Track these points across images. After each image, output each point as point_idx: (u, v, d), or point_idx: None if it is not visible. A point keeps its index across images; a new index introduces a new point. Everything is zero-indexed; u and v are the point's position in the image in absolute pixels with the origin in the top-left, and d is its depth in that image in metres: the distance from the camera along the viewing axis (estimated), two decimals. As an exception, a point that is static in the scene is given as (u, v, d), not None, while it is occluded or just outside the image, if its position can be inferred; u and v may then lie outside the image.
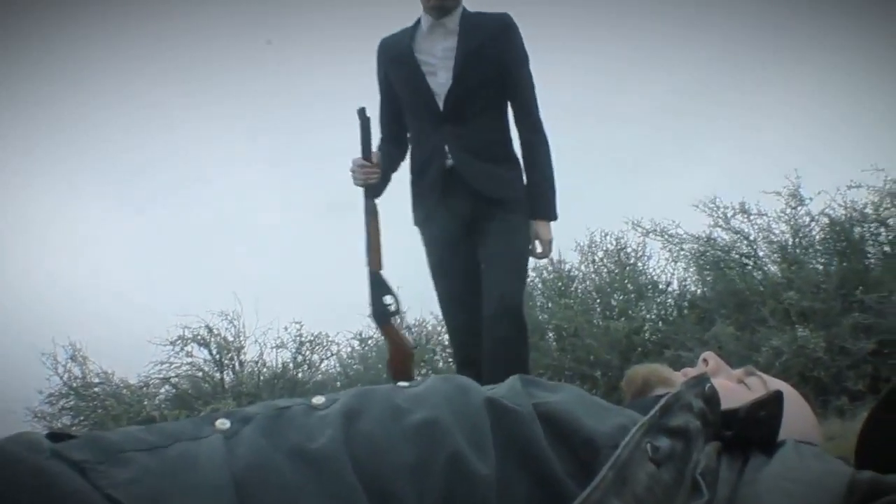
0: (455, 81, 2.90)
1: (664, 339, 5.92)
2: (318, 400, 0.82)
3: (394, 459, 0.76)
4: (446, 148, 2.92)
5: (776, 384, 1.13)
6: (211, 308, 7.44)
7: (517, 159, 2.98)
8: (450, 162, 2.92)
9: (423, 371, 7.00)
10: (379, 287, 2.79)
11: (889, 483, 0.75)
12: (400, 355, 2.89)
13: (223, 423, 0.78)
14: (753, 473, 0.79)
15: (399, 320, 3.10)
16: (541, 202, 2.98)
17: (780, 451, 0.83)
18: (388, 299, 2.77)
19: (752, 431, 0.87)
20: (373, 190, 2.86)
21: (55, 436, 0.72)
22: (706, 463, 0.79)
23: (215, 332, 7.37)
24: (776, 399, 0.88)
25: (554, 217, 3.02)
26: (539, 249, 2.96)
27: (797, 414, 1.07)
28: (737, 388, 1.10)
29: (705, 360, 1.17)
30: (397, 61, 3.02)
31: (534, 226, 2.93)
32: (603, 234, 7.09)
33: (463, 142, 2.95)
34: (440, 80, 2.94)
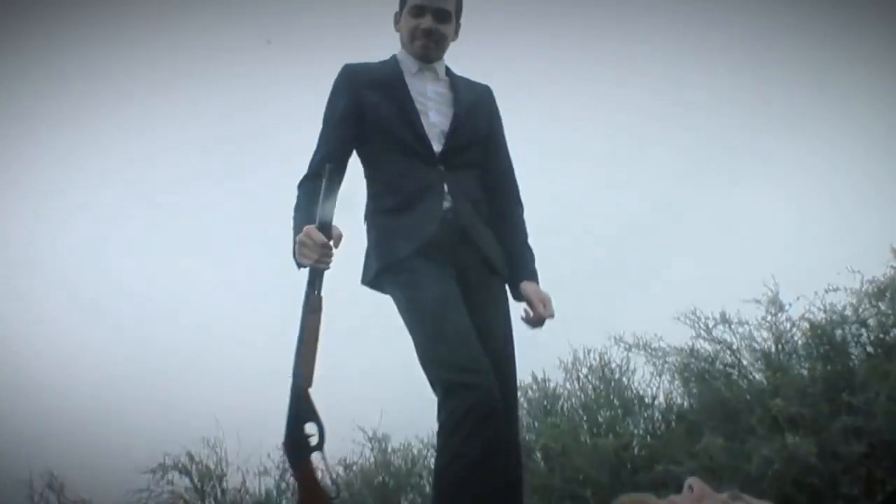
0: (455, 123, 2.77)
1: (653, 454, 5.82)
2: None
3: None
4: (445, 187, 2.67)
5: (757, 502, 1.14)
6: (191, 434, 7.32)
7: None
8: (447, 204, 2.66)
9: (411, 496, 6.86)
10: (302, 410, 2.20)
11: None
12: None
13: None
14: None
15: (322, 459, 2.39)
16: (531, 265, 2.87)
17: None
18: (310, 428, 2.18)
19: None
20: (320, 277, 2.34)
21: None
22: None
23: (196, 459, 7.21)
24: None
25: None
26: (542, 310, 2.76)
27: None
28: None
29: (690, 487, 1.17)
30: (385, 89, 2.80)
31: (526, 290, 2.77)
32: (586, 350, 7.05)
33: (460, 187, 2.71)
34: (432, 121, 2.77)
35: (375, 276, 2.73)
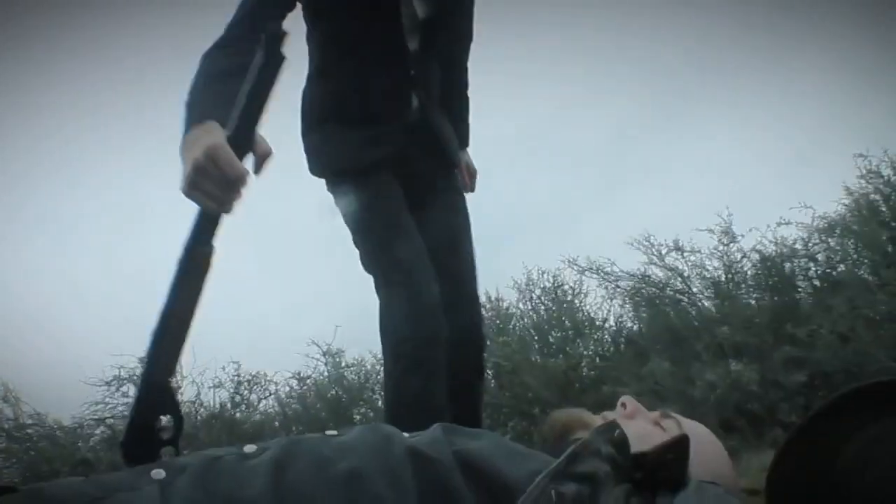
0: (434, 7, 2.33)
1: (601, 375, 5.95)
2: (250, 448, 0.90)
3: None
4: (412, 94, 2.38)
5: (690, 426, 1.21)
6: (146, 347, 7.28)
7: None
8: (415, 104, 2.38)
9: (363, 410, 6.94)
10: (156, 402, 1.41)
11: None
12: None
13: (158, 474, 0.83)
14: None
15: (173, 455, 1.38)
16: (467, 136, 2.71)
17: (682, 492, 0.87)
18: (164, 421, 1.37)
19: (661, 473, 0.92)
20: (216, 223, 1.46)
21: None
22: None
23: (151, 371, 7.21)
24: (683, 442, 0.93)
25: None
26: (467, 182, 2.68)
27: (710, 455, 1.17)
28: (653, 431, 1.17)
29: (623, 404, 1.24)
30: None
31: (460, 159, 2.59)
32: (540, 271, 7.17)
33: (428, 83, 2.43)
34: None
35: (333, 177, 2.42)
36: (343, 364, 7.23)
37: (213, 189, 1.47)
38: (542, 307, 6.99)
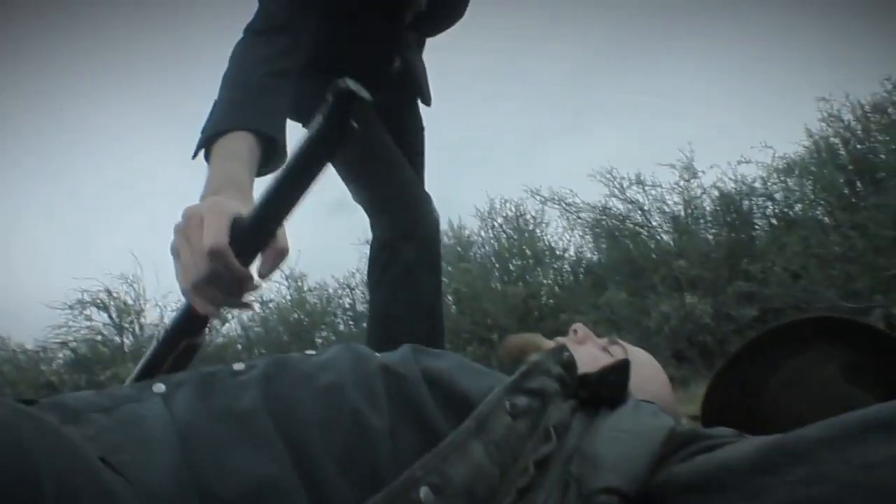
0: None
1: (560, 304, 6.07)
2: (239, 366, 0.95)
3: (305, 416, 0.89)
4: (396, 56, 2.24)
5: (635, 352, 1.32)
6: (110, 271, 7.26)
7: None
8: (398, 63, 2.27)
9: (325, 333, 7.01)
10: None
11: (703, 433, 0.89)
12: None
13: (159, 388, 0.90)
14: (597, 425, 0.93)
15: None
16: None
17: (621, 408, 0.97)
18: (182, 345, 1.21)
19: (603, 392, 1.02)
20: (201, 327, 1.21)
21: (22, 401, 0.83)
22: (560, 417, 0.93)
23: (115, 295, 7.18)
24: (624, 365, 1.03)
25: None
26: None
27: (650, 378, 1.28)
28: (600, 355, 1.27)
29: (575, 331, 1.33)
30: None
31: None
32: (503, 200, 7.23)
33: (410, 43, 2.34)
34: None
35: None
36: (305, 288, 7.28)
37: (217, 293, 1.10)
38: (504, 236, 7.06)
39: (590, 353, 1.27)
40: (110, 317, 7.17)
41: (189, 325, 1.17)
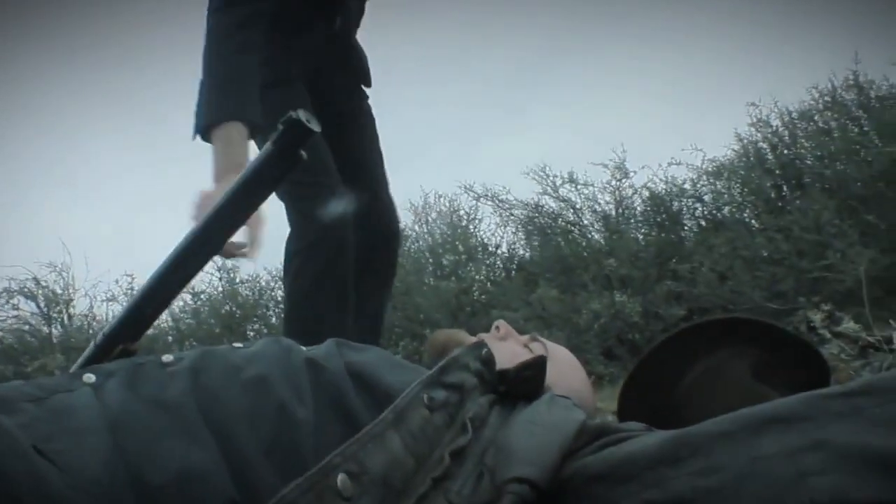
0: None
1: (492, 300, 6.10)
2: (168, 358, 1.01)
3: (233, 408, 0.93)
4: (337, 14, 2.36)
5: (554, 349, 1.39)
6: (38, 259, 7.11)
7: None
8: (338, 23, 2.37)
9: (257, 326, 6.97)
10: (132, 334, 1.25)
11: (612, 427, 0.94)
12: None
13: (89, 378, 0.94)
14: (512, 418, 0.97)
15: None
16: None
17: (536, 402, 1.01)
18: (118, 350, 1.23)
19: (520, 387, 1.08)
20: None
21: None
22: (477, 411, 0.99)
23: (43, 283, 7.04)
24: (540, 362, 1.10)
25: None
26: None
27: (568, 374, 1.38)
28: (520, 352, 1.34)
29: (497, 327, 1.38)
30: None
31: None
32: (437, 195, 7.29)
33: (352, 4, 2.43)
34: None
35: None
36: (237, 280, 7.22)
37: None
38: (437, 231, 7.09)
39: (510, 349, 1.33)
40: (38, 306, 7.02)
41: (127, 329, 1.24)
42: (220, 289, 7.21)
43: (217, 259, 7.11)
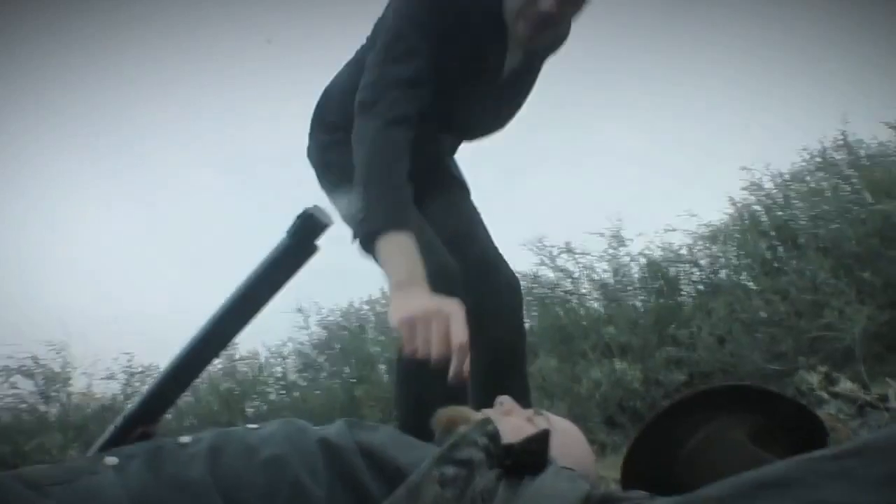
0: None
1: (492, 372, 6.05)
2: (186, 439, 1.06)
3: (250, 487, 0.97)
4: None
5: (557, 422, 1.41)
6: (37, 337, 7.10)
7: None
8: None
9: (256, 403, 6.93)
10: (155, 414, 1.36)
11: (616, 496, 0.96)
12: None
13: (112, 461, 0.98)
14: (520, 492, 0.99)
15: None
16: None
17: (542, 475, 1.03)
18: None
19: (526, 461, 1.10)
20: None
21: None
22: (485, 485, 1.03)
23: (41, 362, 7.02)
24: (544, 435, 1.13)
25: None
26: None
27: (571, 446, 1.39)
28: (524, 426, 1.35)
29: (501, 403, 1.40)
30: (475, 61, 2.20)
31: None
32: (436, 268, 7.20)
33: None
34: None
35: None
36: (237, 356, 7.21)
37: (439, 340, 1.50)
38: (436, 303, 7.03)
39: (514, 424, 1.34)
40: (36, 385, 6.98)
41: (146, 412, 1.31)
42: (219, 365, 7.19)
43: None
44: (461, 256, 2.28)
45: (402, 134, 1.91)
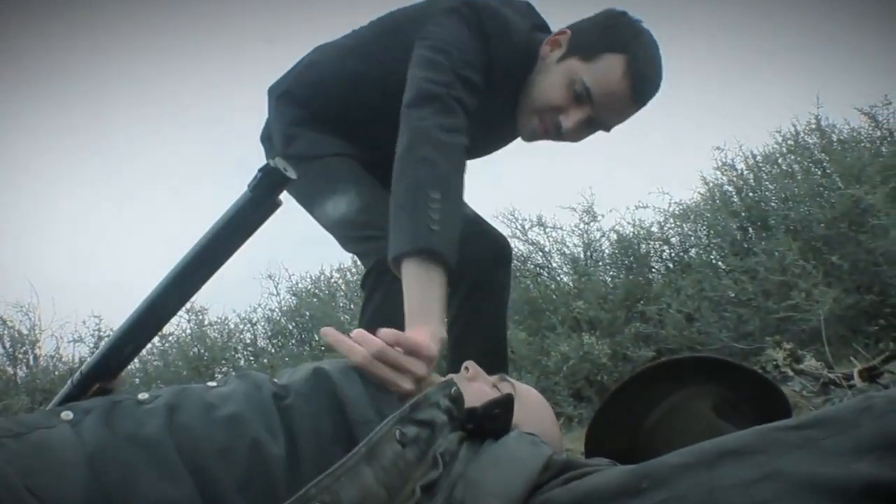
0: None
1: (461, 343, 6.08)
2: (144, 396, 1.05)
3: (207, 445, 0.96)
4: None
5: (522, 389, 1.43)
6: (4, 299, 7.05)
7: None
8: None
9: (224, 369, 6.93)
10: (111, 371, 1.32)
11: (578, 462, 0.98)
12: None
13: (67, 415, 0.97)
14: (483, 454, 1.00)
15: None
16: None
17: (504, 438, 1.04)
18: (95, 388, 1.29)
19: (489, 424, 1.12)
20: None
21: None
22: (447, 446, 1.04)
23: (9, 323, 6.97)
24: (508, 400, 1.14)
25: None
26: None
27: (534, 412, 1.40)
28: (489, 391, 1.37)
29: (466, 368, 1.41)
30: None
31: None
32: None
33: None
34: None
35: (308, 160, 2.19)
36: (206, 322, 7.19)
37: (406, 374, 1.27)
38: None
39: (479, 389, 1.35)
40: (3, 346, 6.95)
41: (104, 369, 1.27)
42: (189, 331, 7.17)
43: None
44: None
45: (465, 142, 1.78)
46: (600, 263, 6.34)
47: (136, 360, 6.94)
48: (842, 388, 2.57)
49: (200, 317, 7.18)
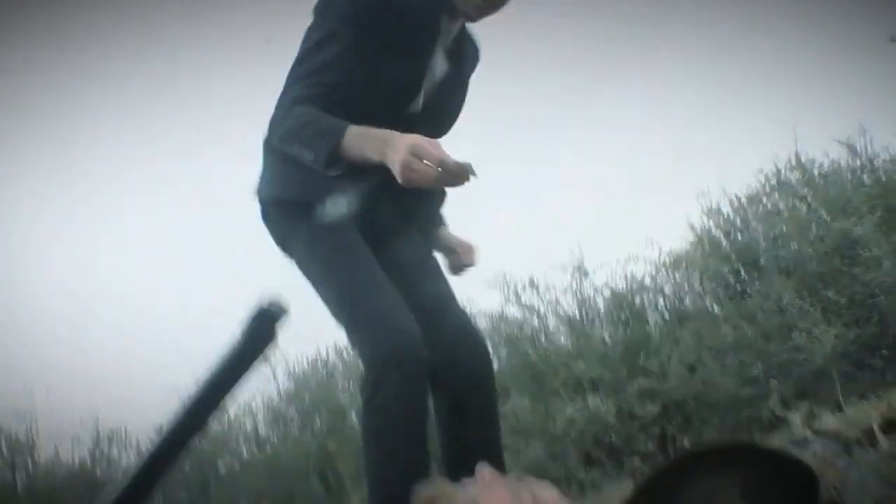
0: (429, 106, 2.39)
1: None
2: None
3: None
4: None
5: (541, 493, 1.36)
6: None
7: None
8: None
9: (228, 461, 6.82)
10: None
11: None
12: None
13: None
14: None
15: None
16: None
17: None
18: None
19: None
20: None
21: None
22: None
23: (6, 431, 6.86)
24: None
25: None
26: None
27: None
28: (509, 499, 1.31)
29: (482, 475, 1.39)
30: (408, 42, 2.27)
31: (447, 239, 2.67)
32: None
33: None
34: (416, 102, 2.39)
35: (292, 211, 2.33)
36: (207, 414, 7.09)
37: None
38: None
39: (498, 498, 1.31)
40: (2, 455, 6.82)
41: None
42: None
43: (183, 392, 6.98)
44: (421, 299, 2.28)
45: (309, 107, 2.17)
46: (596, 321, 6.28)
47: (135, 457, 6.86)
48: (863, 447, 2.50)
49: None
